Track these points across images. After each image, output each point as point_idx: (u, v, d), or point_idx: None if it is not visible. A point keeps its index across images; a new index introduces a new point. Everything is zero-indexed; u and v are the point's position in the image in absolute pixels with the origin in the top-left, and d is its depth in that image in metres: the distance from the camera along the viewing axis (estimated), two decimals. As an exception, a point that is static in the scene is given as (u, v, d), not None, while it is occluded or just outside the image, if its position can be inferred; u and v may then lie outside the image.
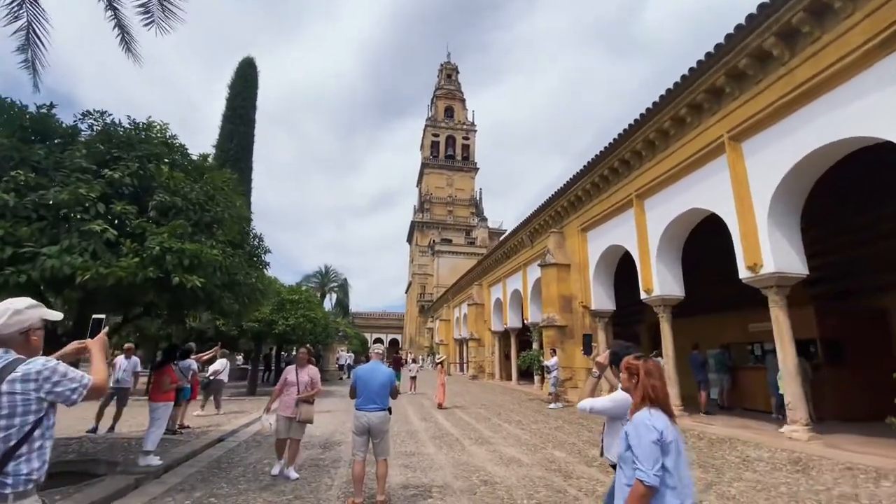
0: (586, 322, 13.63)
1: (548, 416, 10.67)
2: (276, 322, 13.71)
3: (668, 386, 2.32)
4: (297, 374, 5.73)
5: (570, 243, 14.71)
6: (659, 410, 2.12)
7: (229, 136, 19.35)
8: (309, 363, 6.06)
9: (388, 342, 67.29)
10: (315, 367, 6.11)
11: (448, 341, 36.34)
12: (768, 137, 7.68)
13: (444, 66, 69.03)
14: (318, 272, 48.22)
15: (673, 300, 10.46)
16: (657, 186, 10.49)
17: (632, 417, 2.17)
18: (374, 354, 4.55)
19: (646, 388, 2.19)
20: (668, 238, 10.37)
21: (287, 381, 5.70)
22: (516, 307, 21.32)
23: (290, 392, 5.62)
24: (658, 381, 2.20)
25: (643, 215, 11.05)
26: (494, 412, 11.37)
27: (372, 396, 4.17)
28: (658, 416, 2.08)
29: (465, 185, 61.98)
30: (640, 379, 2.25)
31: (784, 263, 7.47)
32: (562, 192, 14.69)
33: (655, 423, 2.04)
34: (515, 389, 18.15)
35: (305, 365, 5.85)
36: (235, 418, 9.69)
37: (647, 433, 2.00)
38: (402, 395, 14.98)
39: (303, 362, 5.86)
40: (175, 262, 4.39)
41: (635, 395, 2.26)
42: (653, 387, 2.17)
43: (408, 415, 10.79)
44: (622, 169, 11.71)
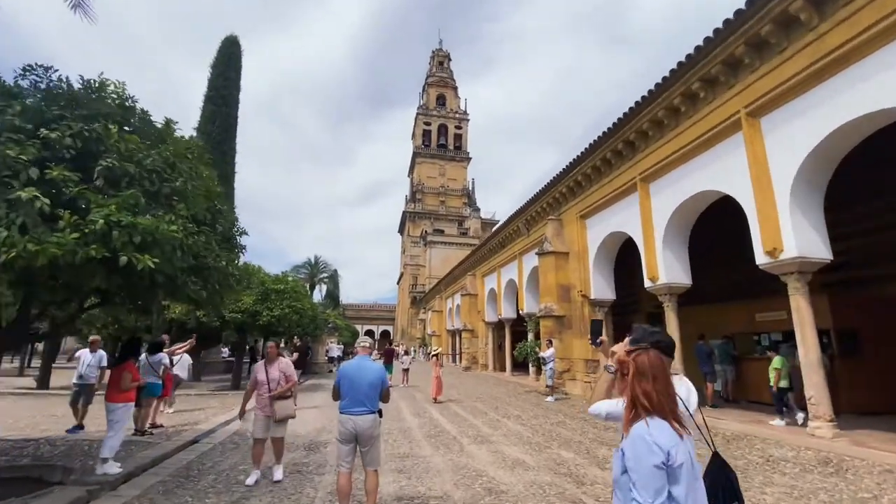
0: (585, 312, 13.12)
1: (547, 410, 10.16)
2: (260, 313, 12.97)
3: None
4: (267, 371, 5.16)
5: (569, 231, 14.14)
6: (662, 421, 1.54)
7: (211, 117, 18.36)
8: (280, 357, 5.52)
9: (380, 334, 66.73)
10: (286, 360, 5.55)
11: (440, 332, 35.84)
12: (791, 112, 7.10)
13: (436, 53, 67.69)
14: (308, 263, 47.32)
15: (680, 288, 9.96)
16: (664, 168, 9.91)
17: (627, 431, 1.59)
18: (360, 349, 3.89)
19: (635, 394, 1.61)
20: (675, 223, 9.83)
21: (257, 381, 5.14)
22: (511, 297, 20.80)
23: (263, 391, 5.09)
24: (656, 384, 1.61)
25: (648, 200, 10.48)
26: (491, 406, 10.83)
27: (359, 398, 3.53)
28: (662, 430, 1.51)
29: (458, 175, 61.11)
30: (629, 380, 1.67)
31: (807, 248, 6.95)
32: (560, 178, 14.07)
33: (659, 439, 1.48)
34: (510, 381, 17.67)
35: (275, 360, 5.30)
36: (214, 415, 9.00)
37: (647, 454, 1.47)
38: (394, 389, 14.39)
39: (272, 357, 5.31)
40: (124, 240, 3.67)
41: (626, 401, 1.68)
42: (645, 392, 1.59)
43: (400, 409, 10.20)
44: (626, 151, 11.10)
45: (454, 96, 65.13)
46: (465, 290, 25.66)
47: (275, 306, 13.15)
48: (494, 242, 21.55)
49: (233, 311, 12.88)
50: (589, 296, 12.89)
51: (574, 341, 13.48)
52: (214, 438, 7.05)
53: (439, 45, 69.07)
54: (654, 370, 1.65)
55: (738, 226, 12.84)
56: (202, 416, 9.05)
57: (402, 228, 62.63)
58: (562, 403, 11.33)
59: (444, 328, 35.06)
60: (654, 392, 1.60)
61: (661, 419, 1.56)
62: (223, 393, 13.16)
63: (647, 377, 1.63)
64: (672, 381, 1.71)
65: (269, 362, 5.22)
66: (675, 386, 1.73)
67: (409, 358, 17.01)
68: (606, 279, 12.87)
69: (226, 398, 12.04)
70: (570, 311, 13.71)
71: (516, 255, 18.84)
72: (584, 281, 13.09)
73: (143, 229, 3.76)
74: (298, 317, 13.63)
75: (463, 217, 57.32)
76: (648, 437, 1.49)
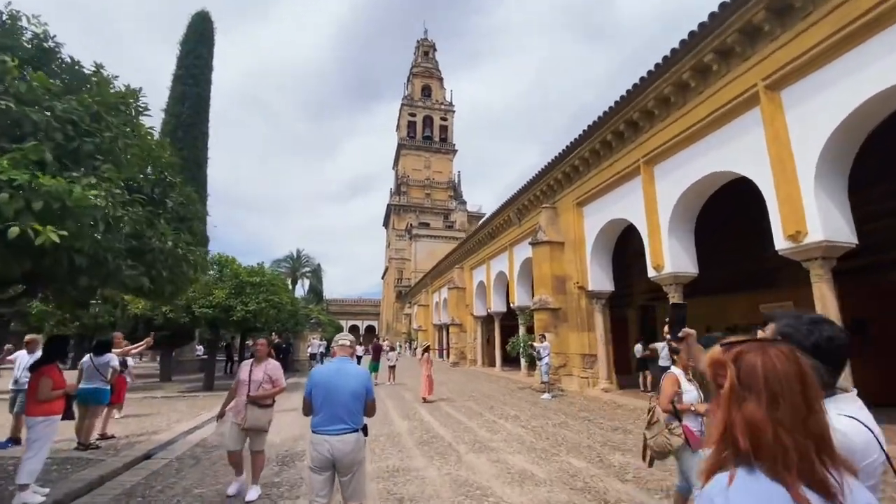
0: (582, 304, 12.49)
1: (545, 409, 9.47)
2: (233, 308, 11.93)
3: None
4: (251, 372, 4.49)
5: (565, 219, 13.46)
6: (769, 483, 0.82)
7: (180, 98, 17.04)
8: (270, 357, 4.79)
9: (364, 329, 65.61)
10: (276, 363, 4.77)
11: (427, 327, 35.06)
12: (816, 83, 6.47)
13: (421, 43, 66.37)
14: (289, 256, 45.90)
15: (686, 277, 9.36)
16: (670, 150, 9.26)
17: (702, 482, 0.89)
18: (338, 348, 3.04)
19: (728, 422, 0.88)
20: (682, 208, 9.21)
21: (239, 381, 4.47)
22: (501, 290, 20.13)
23: (241, 392, 4.40)
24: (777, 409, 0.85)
25: (652, 184, 9.83)
26: (485, 405, 10.10)
27: (338, 413, 2.69)
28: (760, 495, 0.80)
29: (444, 168, 60.18)
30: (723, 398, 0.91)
31: (833, 231, 6.36)
32: (556, 163, 13.35)
33: None
34: (501, 377, 17.02)
35: (264, 360, 4.61)
36: (178, 422, 8.02)
37: None
38: (381, 387, 13.56)
39: (261, 356, 4.59)
40: (18, 206, 2.74)
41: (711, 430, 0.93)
42: (749, 422, 0.85)
43: (388, 411, 9.38)
44: (628, 132, 10.41)
45: (439, 87, 64.02)
46: (453, 284, 24.90)
47: (250, 300, 12.12)
48: (484, 234, 20.80)
49: (203, 305, 11.82)
50: (586, 287, 12.24)
51: (570, 335, 12.84)
52: (172, 452, 6.11)
53: (424, 34, 67.73)
54: (778, 383, 0.86)
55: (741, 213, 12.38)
56: (164, 422, 8.06)
57: (387, 222, 61.44)
58: (559, 401, 10.67)
59: (431, 323, 34.28)
60: (769, 424, 0.83)
61: (767, 478, 0.81)
62: (193, 395, 12.11)
63: (760, 395, 0.86)
64: (824, 406, 0.88)
65: (256, 362, 4.57)
66: (830, 419, 0.89)
67: (395, 354, 16.16)
68: (605, 270, 12.24)
69: (195, 401, 11.02)
70: (566, 303, 13.06)
71: (507, 246, 18.13)
72: (582, 272, 12.44)
73: (47, 192, 2.83)
74: (276, 311, 12.63)
75: (449, 210, 56.48)
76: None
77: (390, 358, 15.65)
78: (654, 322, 17.73)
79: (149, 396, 11.76)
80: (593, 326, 12.18)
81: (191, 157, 16.56)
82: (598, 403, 10.20)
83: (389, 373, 15.15)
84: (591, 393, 11.59)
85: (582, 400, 10.78)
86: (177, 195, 5.01)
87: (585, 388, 11.99)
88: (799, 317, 1.22)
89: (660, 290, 16.88)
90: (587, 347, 12.19)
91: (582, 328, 12.41)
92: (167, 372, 16.13)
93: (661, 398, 3.11)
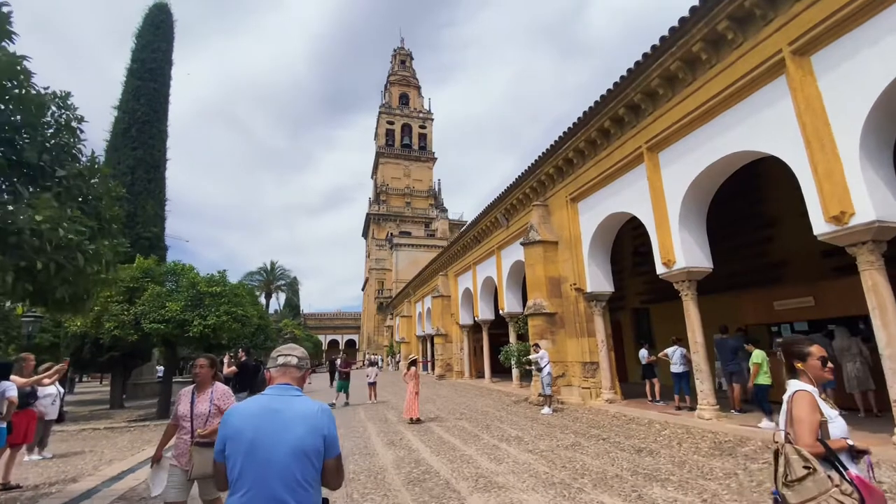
0: (580, 308, 11.47)
1: (550, 426, 8.33)
2: (189, 322, 10.42)
3: None
4: (192, 403, 3.49)
5: (558, 217, 12.51)
6: None
7: (135, 93, 15.49)
8: (216, 380, 3.72)
9: (345, 343, 63.41)
10: (224, 388, 3.71)
11: (410, 339, 33.60)
12: (855, 43, 5.67)
13: (398, 52, 65.87)
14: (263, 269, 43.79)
15: (700, 273, 8.44)
16: (678, 133, 8.41)
17: None
18: (276, 371, 1.81)
19: None
20: (693, 197, 8.33)
21: (178, 416, 3.49)
22: (488, 297, 19.02)
23: (184, 431, 3.44)
24: None
25: (658, 172, 8.96)
26: (481, 424, 8.88)
27: (270, 489, 1.47)
28: None
29: (423, 176, 59.24)
30: None
31: (885, 211, 5.50)
32: (547, 157, 12.43)
33: None
34: (492, 389, 15.82)
35: (208, 385, 3.57)
36: (109, 463, 6.52)
37: None
38: (362, 407, 12.16)
39: (203, 381, 3.55)
40: None
41: None
42: None
43: (369, 437, 8.06)
44: (629, 117, 9.55)
45: (417, 95, 63.43)
46: (437, 292, 23.67)
47: (209, 313, 10.62)
48: (469, 237, 19.73)
49: (154, 320, 10.28)
50: (584, 289, 11.24)
51: (568, 341, 11.79)
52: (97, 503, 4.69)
53: (401, 43, 67.30)
54: None
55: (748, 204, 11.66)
56: (91, 463, 6.54)
57: (367, 232, 59.90)
58: (562, 416, 9.55)
59: (414, 334, 32.87)
60: None
61: None
62: (142, 424, 10.48)
63: None
64: None
65: (198, 388, 3.57)
66: None
67: (375, 370, 14.74)
68: (603, 270, 11.28)
69: (143, 432, 9.43)
70: (563, 307, 12.03)
71: (494, 249, 17.09)
72: (578, 273, 11.44)
73: None
74: (240, 325, 11.15)
75: (430, 218, 55.42)
76: None
77: (369, 374, 14.28)
78: (650, 325, 16.98)
79: (89, 428, 10.09)
80: (593, 331, 11.16)
81: (145, 157, 15.00)
82: (606, 417, 9.12)
83: (370, 390, 13.76)
84: (594, 405, 10.51)
85: (587, 413, 9.69)
86: (75, 167, 3.69)
87: (588, 399, 10.92)
88: None
89: (654, 291, 16.18)
90: (587, 354, 11.15)
91: (581, 333, 11.38)
92: (118, 398, 14.32)
93: (801, 432, 1.95)
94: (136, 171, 14.67)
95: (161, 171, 15.84)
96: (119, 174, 14.49)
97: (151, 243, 14.47)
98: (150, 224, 14.63)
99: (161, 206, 15.62)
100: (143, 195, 14.71)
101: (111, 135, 15.00)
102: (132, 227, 14.22)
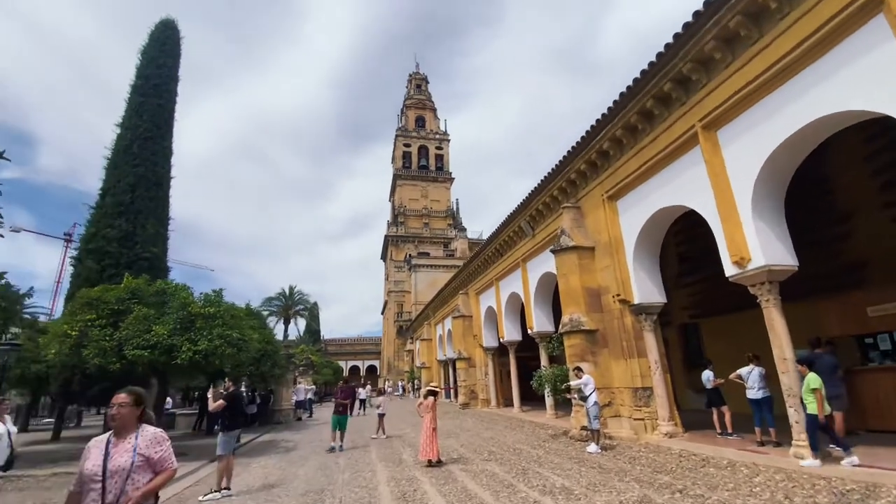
0: (626, 323, 9.76)
1: (604, 472, 6.59)
2: (178, 347, 9.20)
3: None
4: (106, 455, 2.47)
5: (593, 219, 10.97)
6: None
7: (137, 110, 14.96)
8: (142, 421, 2.68)
9: (366, 369, 61.80)
10: (155, 431, 2.67)
11: (431, 363, 31.84)
12: None
13: (413, 77, 66.53)
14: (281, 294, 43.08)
15: (784, 272, 6.76)
16: (742, 104, 6.92)
17: None
18: None
19: None
20: (770, 177, 6.77)
21: (84, 476, 2.44)
22: (514, 315, 17.36)
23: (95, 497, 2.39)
24: None
25: (717, 153, 7.42)
26: (516, 468, 7.20)
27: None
28: None
29: (441, 196, 58.47)
30: None
31: None
32: (577, 152, 11.00)
33: None
34: (523, 420, 13.98)
35: (132, 430, 2.60)
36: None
37: None
38: (373, 444, 10.58)
39: (124, 425, 2.58)
40: None
41: None
42: None
43: (376, 487, 6.49)
44: (677, 93, 8.10)
45: (433, 117, 63.50)
46: (458, 312, 22.07)
47: (200, 337, 9.39)
48: (490, 251, 18.24)
49: (138, 346, 9.11)
50: (630, 300, 9.57)
51: (613, 363, 10.04)
52: None
53: (416, 68, 68.08)
54: None
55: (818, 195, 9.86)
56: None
57: (385, 254, 59.03)
58: (615, 456, 7.77)
59: (435, 358, 31.12)
60: None
61: None
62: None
63: None
64: None
65: (116, 434, 2.55)
66: None
67: (383, 399, 13.14)
68: (652, 276, 9.62)
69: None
70: (605, 322, 10.33)
71: (519, 262, 15.56)
72: (622, 281, 9.80)
73: None
74: (235, 350, 9.85)
75: (448, 239, 54.25)
76: None
77: (378, 403, 12.72)
78: (700, 343, 14.95)
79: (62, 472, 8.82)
80: (643, 350, 9.41)
81: (147, 174, 14.28)
82: (671, 458, 7.31)
83: (379, 423, 12.15)
84: (651, 440, 8.67)
85: (644, 452, 7.88)
86: None
87: (641, 433, 9.08)
88: None
89: (703, 304, 14.24)
90: (638, 379, 9.36)
91: (629, 354, 9.63)
92: (112, 434, 13.12)
93: None
94: (136, 189, 13.96)
95: (164, 188, 15.12)
96: (119, 192, 13.79)
97: (151, 263, 13.56)
98: (150, 244, 13.75)
99: (164, 225, 14.82)
100: (143, 213, 13.92)
101: (112, 152, 14.43)
102: (130, 246, 13.40)
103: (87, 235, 13.64)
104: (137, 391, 2.80)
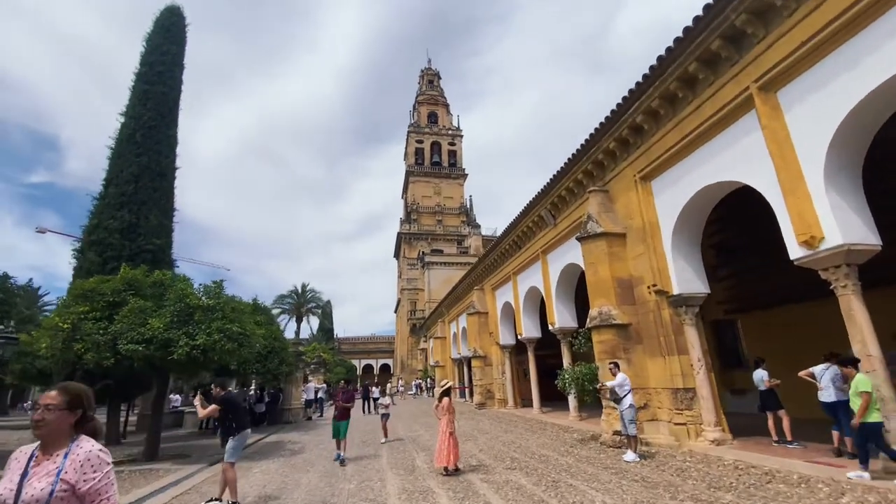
0: (664, 316, 8.75)
1: (650, 486, 5.65)
2: (174, 341, 8.54)
3: None
4: (23, 476, 1.76)
5: (624, 202, 9.98)
6: None
7: (142, 98, 14.46)
8: (80, 431, 1.93)
9: (379, 368, 61.33)
10: (91, 449, 1.85)
11: (445, 362, 31.02)
12: None
13: (426, 72, 65.78)
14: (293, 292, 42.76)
15: (865, 252, 5.72)
16: (812, 56, 5.88)
17: None
18: None
19: None
20: (845, 142, 5.74)
21: None
22: (533, 311, 16.41)
23: None
24: None
25: (778, 117, 6.41)
26: (545, 479, 6.30)
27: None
28: None
29: (454, 193, 57.58)
30: None
31: None
32: (606, 129, 10.01)
33: None
34: (545, 422, 13.04)
35: (61, 443, 1.85)
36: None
37: None
38: (380, 449, 9.77)
39: (51, 435, 1.84)
40: None
41: None
42: None
43: (385, 501, 5.66)
44: (727, 51, 7.09)
45: (446, 113, 62.65)
46: (473, 308, 21.18)
47: (198, 331, 8.71)
48: (508, 243, 17.30)
49: (132, 340, 8.47)
50: (669, 291, 8.57)
51: (648, 361, 9.04)
52: None
53: (428, 63, 67.30)
54: None
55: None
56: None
57: (398, 252, 58.42)
58: (657, 466, 6.80)
59: (449, 357, 30.30)
60: None
61: None
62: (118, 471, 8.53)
63: None
64: None
65: (42, 448, 1.85)
66: None
67: (387, 400, 12.35)
68: (693, 264, 8.61)
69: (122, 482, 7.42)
70: (638, 316, 9.34)
71: (538, 253, 14.59)
72: (659, 270, 8.80)
73: None
74: (236, 346, 9.15)
75: (462, 236, 53.31)
76: None
77: (383, 404, 11.92)
78: (738, 341, 13.80)
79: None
80: (684, 347, 8.39)
81: (151, 164, 13.75)
82: (726, 470, 6.31)
83: (383, 425, 11.33)
84: (696, 447, 7.67)
85: (691, 462, 6.89)
86: None
87: (684, 439, 8.08)
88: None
89: (741, 298, 13.09)
90: (679, 378, 8.35)
91: (667, 350, 8.63)
92: (114, 433, 12.64)
93: None
94: (140, 179, 13.43)
95: (169, 178, 14.58)
96: (121, 182, 13.28)
97: (154, 256, 13.02)
98: (153, 235, 13.20)
99: (168, 217, 14.28)
100: (147, 204, 13.39)
101: (116, 142, 13.94)
102: (133, 238, 12.88)
103: (89, 227, 13.17)
104: (75, 389, 2.00)
